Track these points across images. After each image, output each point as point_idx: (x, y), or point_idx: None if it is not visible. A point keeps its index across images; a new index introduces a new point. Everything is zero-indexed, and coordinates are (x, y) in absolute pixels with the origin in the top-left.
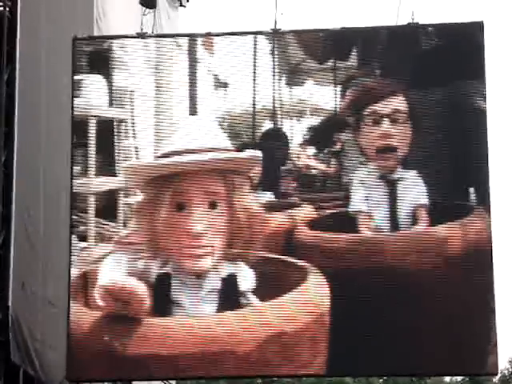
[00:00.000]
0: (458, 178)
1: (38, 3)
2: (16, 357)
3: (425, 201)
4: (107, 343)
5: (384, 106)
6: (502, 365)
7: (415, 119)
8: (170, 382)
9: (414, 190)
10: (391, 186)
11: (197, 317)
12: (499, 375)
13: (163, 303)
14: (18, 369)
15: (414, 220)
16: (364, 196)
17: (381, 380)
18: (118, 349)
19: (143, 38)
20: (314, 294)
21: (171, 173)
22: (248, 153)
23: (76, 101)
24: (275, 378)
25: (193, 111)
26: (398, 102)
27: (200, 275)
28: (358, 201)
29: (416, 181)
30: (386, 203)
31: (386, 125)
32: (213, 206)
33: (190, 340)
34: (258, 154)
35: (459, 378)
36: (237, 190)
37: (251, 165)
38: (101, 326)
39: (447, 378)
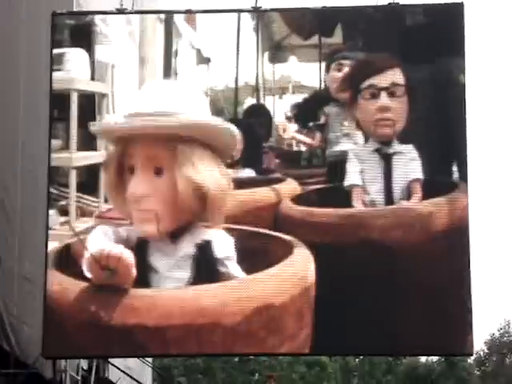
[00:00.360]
0: (444, 154)
1: None
2: None
3: (419, 175)
4: (93, 314)
5: (382, 80)
6: (478, 346)
7: (411, 93)
8: (147, 359)
9: (409, 165)
10: (387, 159)
11: (179, 286)
12: (474, 356)
13: (142, 268)
14: None
15: (408, 195)
16: (359, 170)
17: (356, 360)
18: (104, 319)
19: (123, 13)
20: (299, 267)
21: (128, 135)
22: (202, 120)
23: (57, 74)
24: (252, 357)
25: (167, 75)
26: (396, 76)
27: (174, 239)
28: (352, 175)
29: (411, 155)
30: (381, 177)
31: (384, 98)
32: (158, 172)
33: (177, 311)
34: (217, 122)
35: (435, 358)
36: (185, 159)
37: (216, 135)
38: (87, 296)
39: (423, 358)
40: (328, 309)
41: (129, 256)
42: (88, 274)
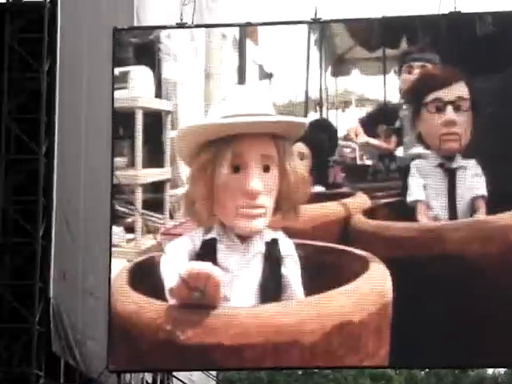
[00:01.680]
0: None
1: None
2: (57, 347)
3: (483, 191)
4: (169, 333)
5: (447, 93)
6: None
7: (477, 106)
8: (210, 372)
9: (473, 180)
10: (450, 174)
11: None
12: None
13: None
14: (59, 359)
15: (473, 211)
16: (422, 185)
17: (422, 372)
18: (180, 338)
19: (182, 27)
20: (377, 283)
21: (228, 134)
22: (296, 118)
23: (121, 92)
24: (316, 370)
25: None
26: (461, 89)
27: (245, 239)
28: (415, 190)
29: (475, 170)
30: (445, 192)
31: (450, 112)
32: (266, 169)
33: (254, 330)
34: (306, 120)
35: (502, 370)
36: (287, 156)
37: (299, 131)
38: (163, 315)
39: (490, 371)
40: (406, 324)
41: (218, 274)
42: (170, 295)
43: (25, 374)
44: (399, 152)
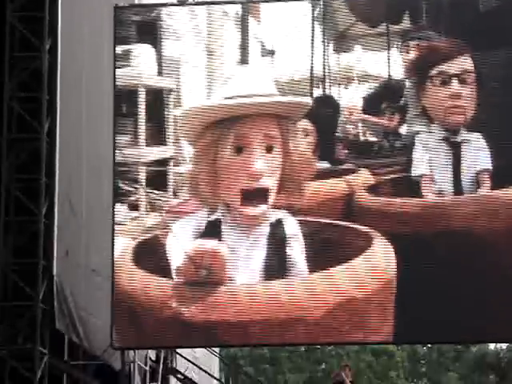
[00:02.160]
0: None
1: None
2: (60, 325)
3: (488, 165)
4: (174, 309)
5: (452, 66)
6: None
7: (481, 80)
8: (213, 349)
9: (477, 154)
10: (455, 148)
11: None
12: None
13: None
14: (63, 336)
15: (477, 184)
16: (427, 159)
17: (424, 348)
18: (185, 316)
19: (183, 4)
20: (381, 259)
21: (232, 115)
22: (299, 98)
23: (124, 70)
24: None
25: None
26: (466, 62)
27: (249, 219)
28: (420, 164)
29: (480, 144)
30: (450, 166)
31: (455, 85)
32: (269, 149)
33: (259, 307)
34: (308, 100)
35: (504, 346)
36: (291, 135)
37: (302, 111)
38: (168, 293)
39: (491, 346)
40: (410, 300)
41: (224, 252)
42: (176, 274)
43: (29, 352)
44: (403, 129)
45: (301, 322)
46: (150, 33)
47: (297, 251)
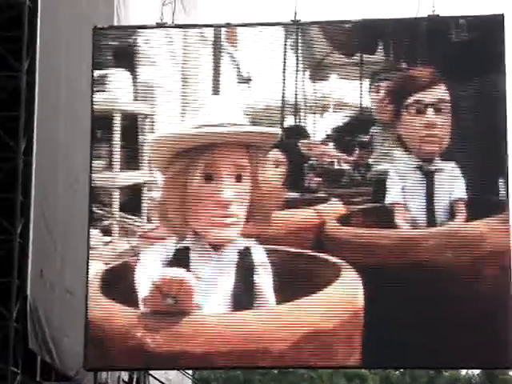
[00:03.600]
0: (490, 172)
1: None
2: (33, 344)
3: (463, 194)
4: (139, 339)
5: (428, 95)
6: None
7: (456, 110)
8: (187, 371)
9: (452, 183)
10: (428, 177)
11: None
12: None
13: None
14: (36, 357)
15: (452, 214)
16: (401, 187)
17: (397, 372)
18: (150, 345)
19: (162, 27)
20: (348, 291)
21: (201, 144)
22: (268, 128)
23: (101, 95)
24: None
25: (216, 93)
26: (441, 92)
27: (218, 247)
28: (394, 192)
29: (455, 173)
30: (423, 195)
31: (430, 114)
32: (238, 178)
33: (223, 337)
34: (278, 130)
35: (476, 372)
36: (260, 164)
37: (271, 141)
38: (134, 322)
39: (463, 372)
40: (378, 328)
41: (191, 281)
42: (143, 304)
43: (2, 372)
44: (374, 159)
45: (266, 353)
46: (127, 58)
47: (264, 280)
